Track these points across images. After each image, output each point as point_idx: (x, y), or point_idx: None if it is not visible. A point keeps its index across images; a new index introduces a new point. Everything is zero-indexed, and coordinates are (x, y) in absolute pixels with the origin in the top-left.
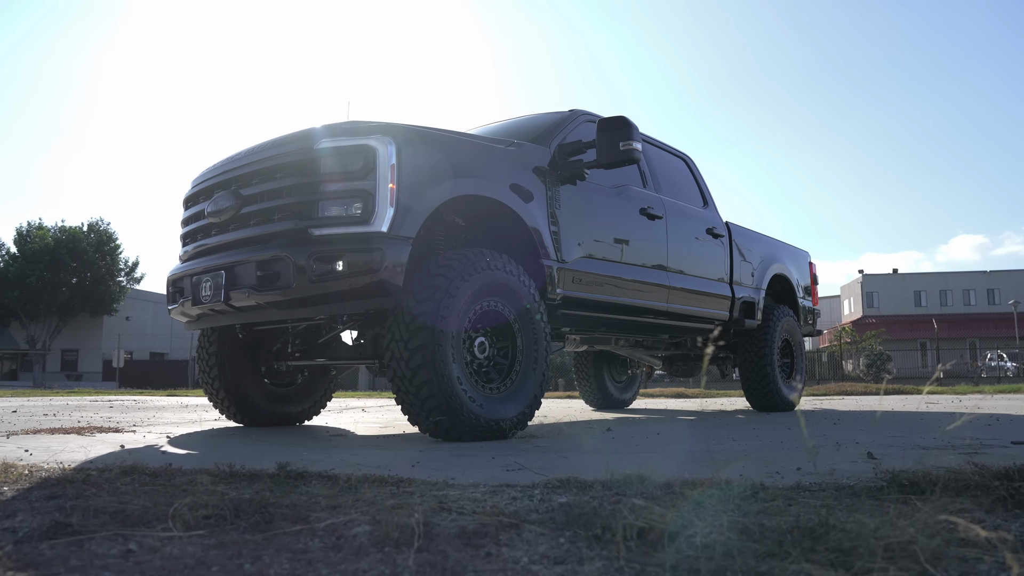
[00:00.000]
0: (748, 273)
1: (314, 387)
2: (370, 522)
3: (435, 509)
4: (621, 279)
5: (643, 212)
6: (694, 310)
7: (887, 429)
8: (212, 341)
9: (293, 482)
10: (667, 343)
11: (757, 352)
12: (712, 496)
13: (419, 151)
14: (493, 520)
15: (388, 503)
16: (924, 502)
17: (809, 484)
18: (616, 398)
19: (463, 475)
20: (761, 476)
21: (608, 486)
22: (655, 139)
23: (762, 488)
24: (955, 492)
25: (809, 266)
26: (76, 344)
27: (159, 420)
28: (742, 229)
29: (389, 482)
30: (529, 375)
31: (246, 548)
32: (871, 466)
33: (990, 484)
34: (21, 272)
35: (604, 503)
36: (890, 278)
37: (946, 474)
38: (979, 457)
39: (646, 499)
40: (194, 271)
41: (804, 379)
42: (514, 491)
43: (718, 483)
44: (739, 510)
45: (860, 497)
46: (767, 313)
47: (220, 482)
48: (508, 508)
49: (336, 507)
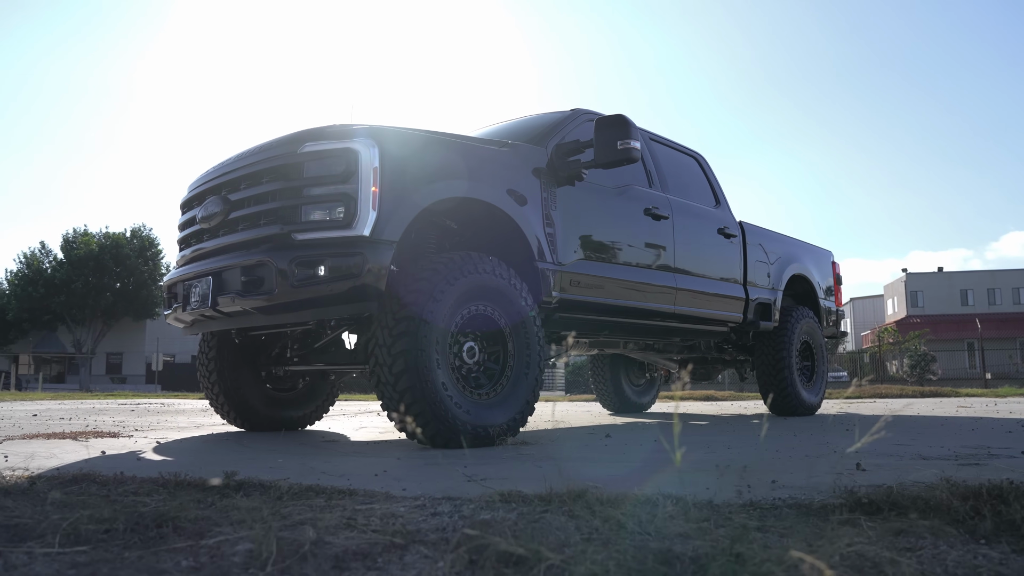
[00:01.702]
0: (764, 274)
1: (316, 392)
2: (258, 539)
3: (340, 525)
4: (623, 281)
5: (648, 212)
6: (704, 312)
7: (899, 436)
8: (211, 346)
9: (233, 492)
10: (680, 346)
11: (774, 355)
12: (635, 516)
13: (404, 154)
14: (386, 540)
15: (297, 518)
16: (876, 522)
17: (763, 501)
18: (634, 402)
19: (417, 486)
20: (728, 490)
21: (546, 500)
22: (665, 138)
23: (708, 506)
24: (919, 511)
25: (832, 266)
26: (120, 348)
27: (165, 425)
28: (757, 228)
29: (326, 493)
30: (521, 380)
31: (104, 568)
32: (850, 480)
33: (951, 504)
34: (67, 278)
35: (521, 522)
36: (935, 276)
37: (912, 491)
38: (976, 469)
39: (570, 517)
40: (186, 276)
41: (826, 382)
42: (446, 505)
43: (654, 500)
44: (656, 532)
45: (807, 517)
46: (785, 315)
47: (160, 491)
48: (416, 526)
49: (243, 522)
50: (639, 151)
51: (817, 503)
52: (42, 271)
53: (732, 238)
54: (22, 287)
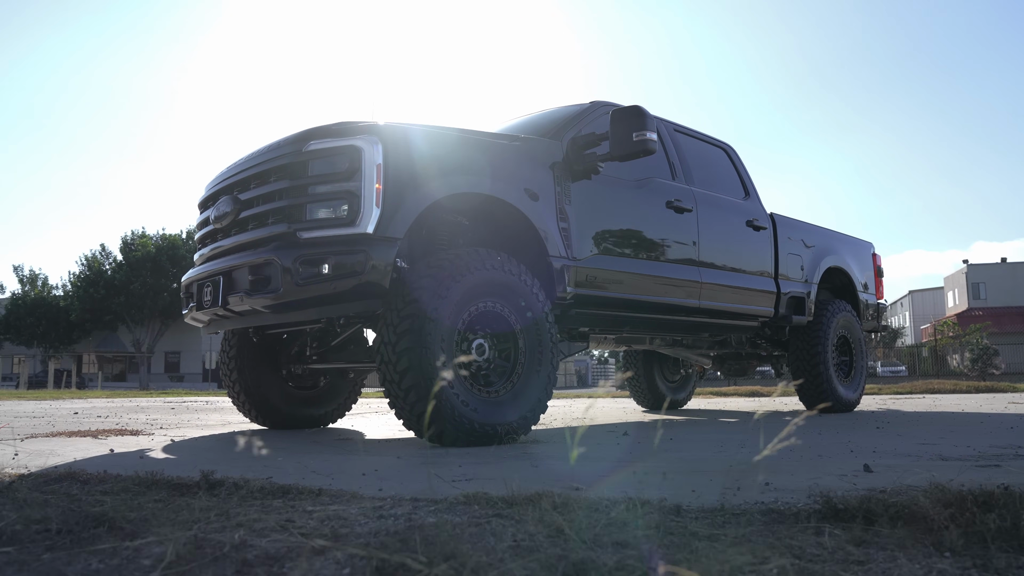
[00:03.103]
0: (797, 267)
1: (338, 390)
2: (177, 542)
3: (275, 527)
4: (642, 275)
5: (670, 205)
6: (731, 307)
7: (928, 435)
8: (232, 345)
9: (203, 491)
10: (709, 341)
11: (808, 350)
12: (580, 523)
13: (409, 150)
14: (309, 544)
15: (239, 519)
16: (843, 530)
17: (739, 506)
18: (669, 398)
19: (397, 486)
20: (712, 492)
21: (510, 503)
22: (692, 129)
23: (672, 510)
24: (891, 520)
25: (872, 257)
26: (178, 347)
27: (194, 423)
28: (790, 220)
29: (292, 493)
30: (532, 377)
31: (9, 570)
32: (852, 482)
33: (928, 512)
34: (126, 279)
35: (461, 528)
36: (998, 268)
37: (894, 498)
38: (990, 471)
39: (515, 522)
40: (200, 276)
41: (865, 377)
42: (405, 507)
43: (609, 505)
44: (593, 540)
45: (774, 524)
46: (820, 308)
47: (130, 490)
48: (353, 529)
49: (184, 522)
50: (655, 143)
51: (790, 509)
52: (103, 273)
53: (762, 230)
54: (84, 288)
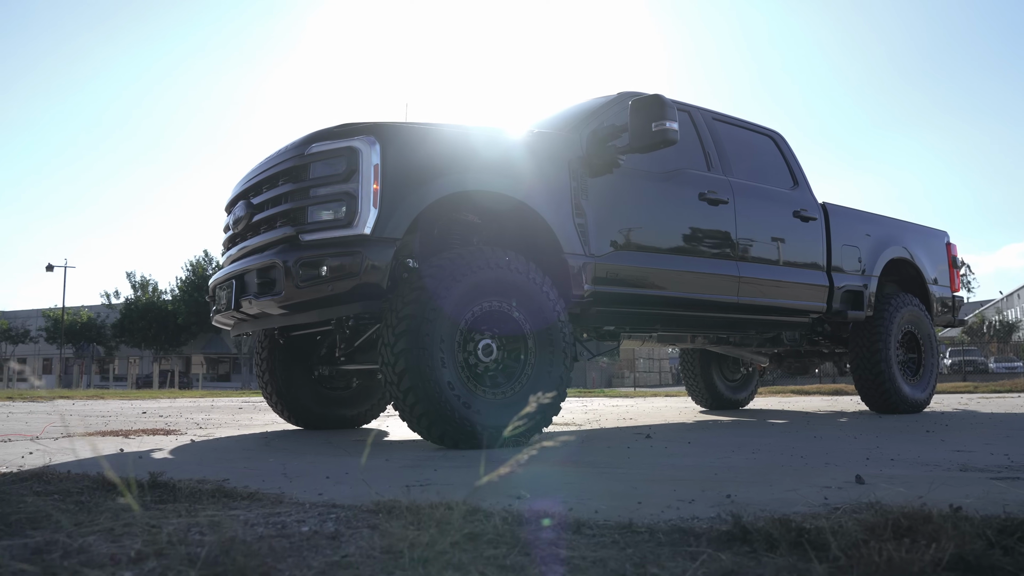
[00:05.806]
0: (853, 258)
1: (370, 391)
2: None
3: (138, 532)
4: (669, 271)
5: (703, 197)
6: (776, 302)
7: (971, 442)
8: (264, 346)
9: (146, 492)
10: (759, 339)
11: (869, 347)
12: (437, 537)
13: (409, 149)
14: (149, 549)
15: (100, 526)
16: (730, 555)
17: (654, 524)
18: (728, 398)
19: (347, 490)
20: (654, 504)
21: (414, 511)
22: (733, 117)
23: (576, 528)
24: (788, 545)
25: (946, 247)
26: None
27: (232, 423)
28: (845, 210)
29: (226, 496)
30: (543, 378)
31: None
32: (836, 496)
33: (827, 540)
34: None
35: (313, 539)
36: None
37: (811, 522)
38: (1006, 484)
39: (379, 533)
40: (220, 279)
41: (935, 376)
42: (317, 512)
43: (487, 517)
44: (434, 558)
45: (665, 547)
46: (882, 302)
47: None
48: (221, 535)
49: (83, 526)
50: (675, 132)
51: (698, 528)
52: (207, 277)
53: (811, 221)
54: (189, 293)
